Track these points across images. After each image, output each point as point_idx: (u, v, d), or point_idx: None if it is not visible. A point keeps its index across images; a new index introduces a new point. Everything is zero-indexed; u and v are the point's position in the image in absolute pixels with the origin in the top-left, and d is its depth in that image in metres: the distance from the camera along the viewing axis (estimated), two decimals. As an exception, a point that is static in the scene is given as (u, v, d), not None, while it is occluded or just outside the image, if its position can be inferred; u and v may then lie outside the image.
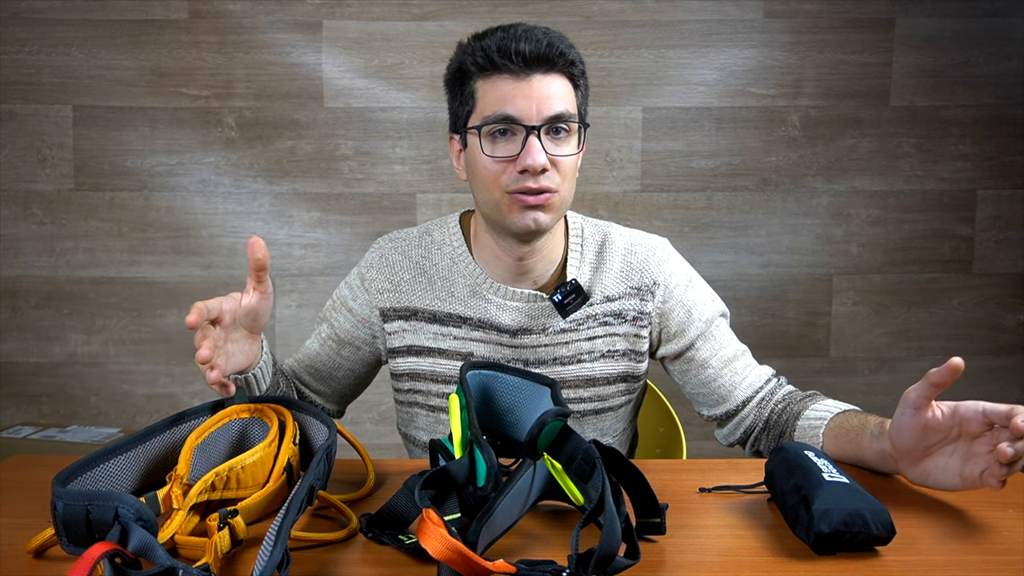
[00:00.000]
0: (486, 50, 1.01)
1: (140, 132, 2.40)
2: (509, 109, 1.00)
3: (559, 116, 1.01)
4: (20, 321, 2.44)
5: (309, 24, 2.39)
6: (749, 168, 2.47)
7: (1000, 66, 2.46)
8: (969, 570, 0.70)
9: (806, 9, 2.43)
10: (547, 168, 1.01)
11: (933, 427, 0.83)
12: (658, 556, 0.72)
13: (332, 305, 1.21)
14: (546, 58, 1.00)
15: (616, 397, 1.16)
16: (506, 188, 1.02)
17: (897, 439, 0.86)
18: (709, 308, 1.16)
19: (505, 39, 1.01)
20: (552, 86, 1.01)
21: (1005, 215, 2.51)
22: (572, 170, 1.05)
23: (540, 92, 1.00)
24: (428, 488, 0.72)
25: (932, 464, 0.85)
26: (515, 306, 1.12)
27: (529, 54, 1.00)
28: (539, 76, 1.01)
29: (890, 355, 2.54)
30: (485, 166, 1.03)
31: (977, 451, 0.81)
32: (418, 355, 1.15)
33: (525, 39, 1.00)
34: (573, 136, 1.04)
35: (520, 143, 1.01)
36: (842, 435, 0.98)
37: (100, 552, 0.59)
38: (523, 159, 1.00)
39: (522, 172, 1.01)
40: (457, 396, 0.81)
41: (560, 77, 1.03)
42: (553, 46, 1.01)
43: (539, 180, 1.01)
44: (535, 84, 1.01)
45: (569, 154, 1.03)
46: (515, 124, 1.01)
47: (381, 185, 2.45)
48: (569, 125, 1.03)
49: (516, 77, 1.01)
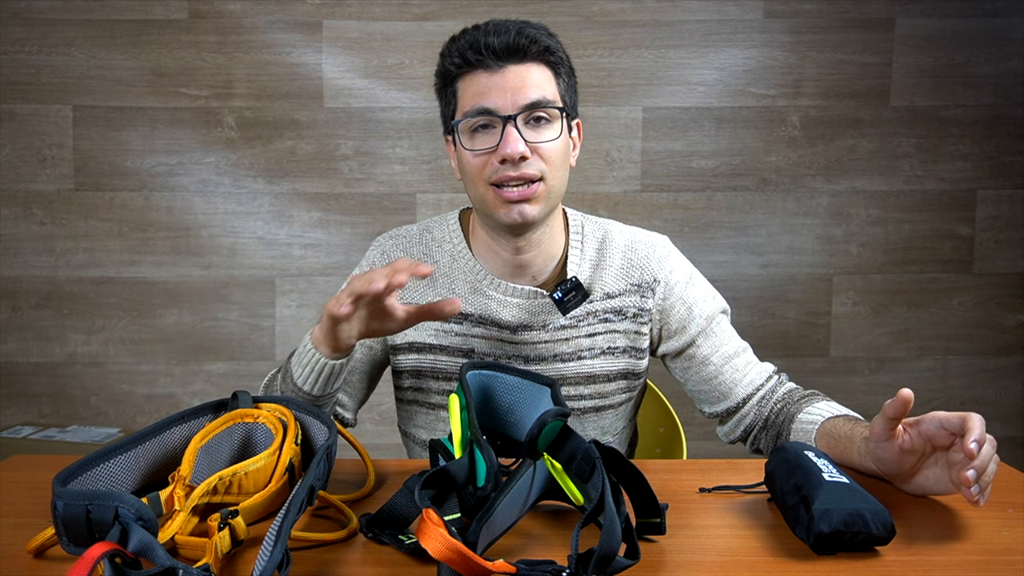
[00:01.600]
0: (460, 50, 1.04)
1: (140, 132, 2.40)
2: (485, 102, 1.02)
3: (536, 103, 1.02)
4: (20, 321, 2.44)
5: (309, 24, 2.39)
6: (749, 168, 2.47)
7: (1000, 66, 2.46)
8: (969, 570, 0.70)
9: (806, 9, 2.43)
10: (526, 156, 1.01)
11: (908, 449, 0.84)
12: (658, 556, 0.72)
13: None
14: (516, 47, 1.02)
15: (616, 394, 1.16)
16: (489, 180, 1.03)
17: (882, 467, 0.88)
18: (710, 305, 1.16)
19: (476, 35, 1.03)
20: (528, 75, 1.03)
21: (1005, 215, 2.51)
22: (559, 157, 1.05)
23: (514, 82, 1.02)
24: (428, 488, 0.72)
25: (923, 477, 0.86)
26: (516, 302, 1.13)
27: (499, 46, 1.01)
28: (513, 66, 1.02)
29: (890, 355, 2.54)
30: (469, 161, 1.05)
31: (955, 459, 0.81)
32: (419, 352, 1.15)
33: (495, 32, 1.02)
34: (555, 122, 1.05)
35: (499, 135, 1.02)
36: (832, 443, 0.99)
37: (100, 552, 0.59)
38: (502, 149, 1.01)
39: (502, 162, 1.02)
40: (457, 396, 0.81)
41: (536, 65, 1.04)
42: (523, 34, 1.02)
43: (520, 168, 1.01)
44: (509, 75, 1.02)
45: (550, 139, 1.04)
46: (492, 116, 1.02)
47: (381, 185, 2.45)
48: (548, 112, 1.04)
49: (490, 71, 1.02)
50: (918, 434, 0.83)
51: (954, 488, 0.82)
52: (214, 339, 2.46)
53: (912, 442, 0.84)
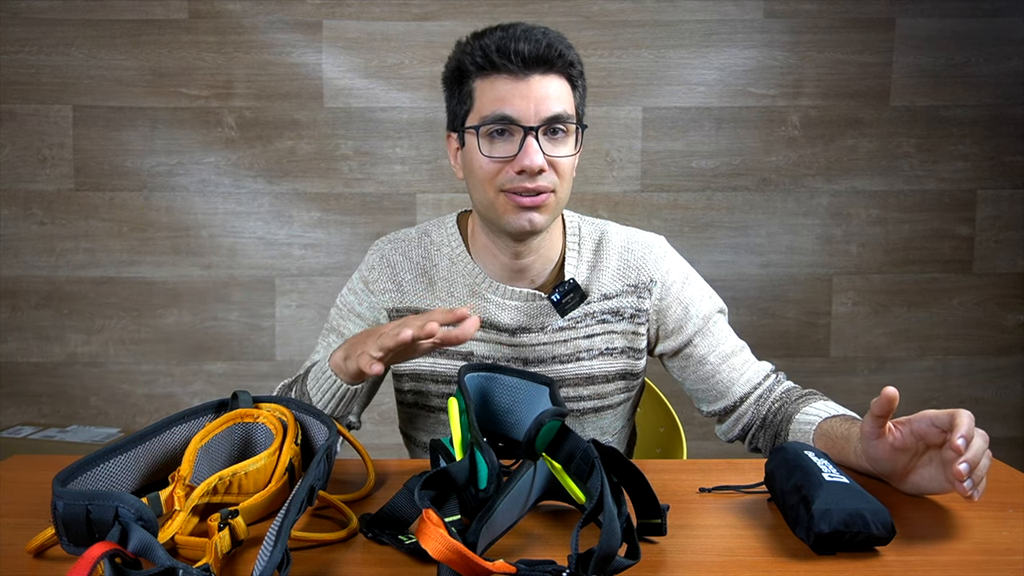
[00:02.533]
0: (485, 49, 1.01)
1: (140, 132, 2.40)
2: (507, 109, 1.00)
3: (557, 117, 1.01)
4: (20, 321, 2.44)
5: (309, 24, 2.39)
6: (749, 168, 2.47)
7: (1000, 66, 2.46)
8: (969, 570, 0.70)
9: (806, 9, 2.43)
10: (544, 169, 1.01)
11: (900, 447, 0.84)
12: (658, 556, 0.72)
13: (339, 314, 1.19)
14: (545, 59, 1.00)
15: (615, 395, 1.17)
16: (501, 187, 1.03)
17: (876, 466, 0.88)
18: (706, 305, 1.16)
19: (504, 39, 1.00)
20: (550, 87, 1.01)
21: (1005, 215, 2.51)
22: (569, 171, 1.06)
23: (538, 93, 1.00)
24: (428, 489, 0.72)
25: (918, 476, 0.85)
26: (514, 305, 1.13)
27: (528, 54, 1.00)
28: (537, 77, 1.01)
29: (890, 355, 2.54)
30: (482, 166, 1.03)
31: (948, 456, 0.80)
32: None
33: (524, 39, 1.00)
34: (570, 137, 1.05)
35: (518, 144, 1.01)
36: (829, 443, 0.98)
37: (100, 552, 0.59)
38: (520, 160, 1.00)
39: (519, 172, 1.01)
40: (456, 400, 0.81)
41: (558, 78, 1.03)
42: (552, 47, 1.01)
43: (536, 180, 1.01)
44: (533, 85, 1.01)
45: (566, 155, 1.04)
46: (513, 125, 1.01)
47: (381, 185, 2.45)
48: (567, 126, 1.03)
49: (514, 77, 1.01)
50: (910, 432, 0.83)
51: (949, 486, 0.82)
52: (214, 339, 2.46)
53: (904, 440, 0.83)
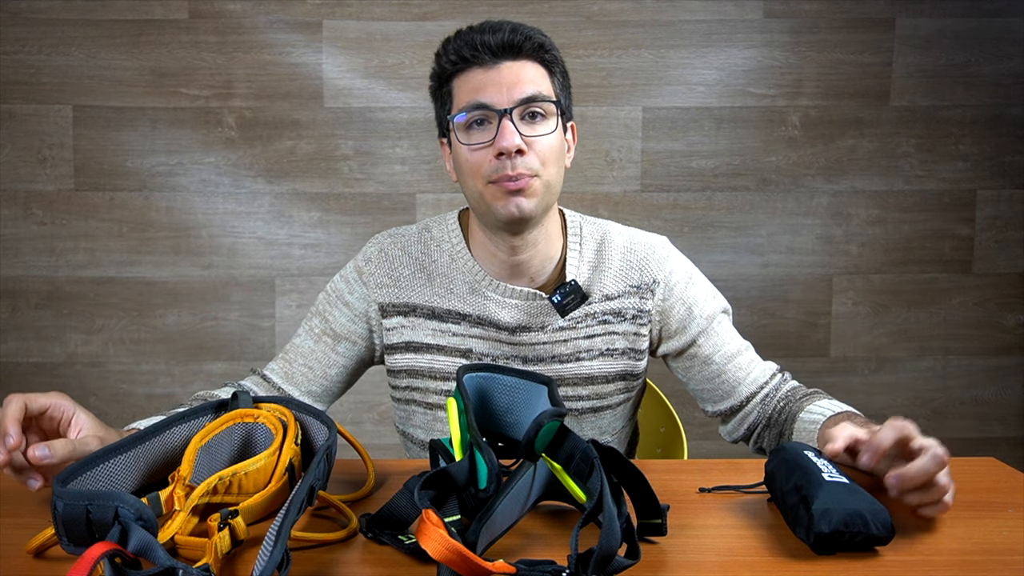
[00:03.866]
0: (457, 49, 1.06)
1: (140, 132, 2.40)
2: (481, 97, 1.03)
3: (531, 98, 1.03)
4: (20, 321, 2.44)
5: (309, 24, 2.39)
6: (749, 168, 2.47)
7: (1000, 66, 2.46)
8: (969, 570, 0.70)
9: (806, 9, 2.43)
10: (523, 150, 1.02)
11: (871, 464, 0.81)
12: (658, 556, 0.72)
13: (326, 299, 1.19)
14: (512, 44, 1.04)
15: (614, 395, 1.16)
16: (488, 178, 1.04)
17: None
18: (710, 305, 1.16)
19: (470, 34, 1.05)
20: (523, 71, 1.04)
21: (1005, 215, 2.51)
22: (554, 153, 1.06)
23: (510, 78, 1.04)
24: (428, 489, 0.72)
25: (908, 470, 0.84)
26: (514, 304, 1.13)
27: (495, 44, 1.04)
28: (508, 63, 1.04)
29: (890, 355, 2.53)
30: (467, 159, 1.05)
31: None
32: (416, 351, 1.15)
33: (490, 31, 1.04)
34: (551, 118, 1.06)
35: (495, 129, 1.03)
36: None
37: (100, 552, 0.59)
38: (497, 142, 1.02)
39: (499, 157, 1.02)
40: (455, 400, 0.81)
41: (531, 62, 1.06)
42: (517, 31, 1.04)
43: (516, 165, 1.02)
44: (504, 71, 1.04)
45: (545, 133, 1.04)
46: (488, 110, 1.03)
47: (381, 185, 2.45)
48: (544, 107, 1.05)
49: (486, 67, 1.04)
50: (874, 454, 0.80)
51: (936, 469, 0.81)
52: (214, 339, 2.46)
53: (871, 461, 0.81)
